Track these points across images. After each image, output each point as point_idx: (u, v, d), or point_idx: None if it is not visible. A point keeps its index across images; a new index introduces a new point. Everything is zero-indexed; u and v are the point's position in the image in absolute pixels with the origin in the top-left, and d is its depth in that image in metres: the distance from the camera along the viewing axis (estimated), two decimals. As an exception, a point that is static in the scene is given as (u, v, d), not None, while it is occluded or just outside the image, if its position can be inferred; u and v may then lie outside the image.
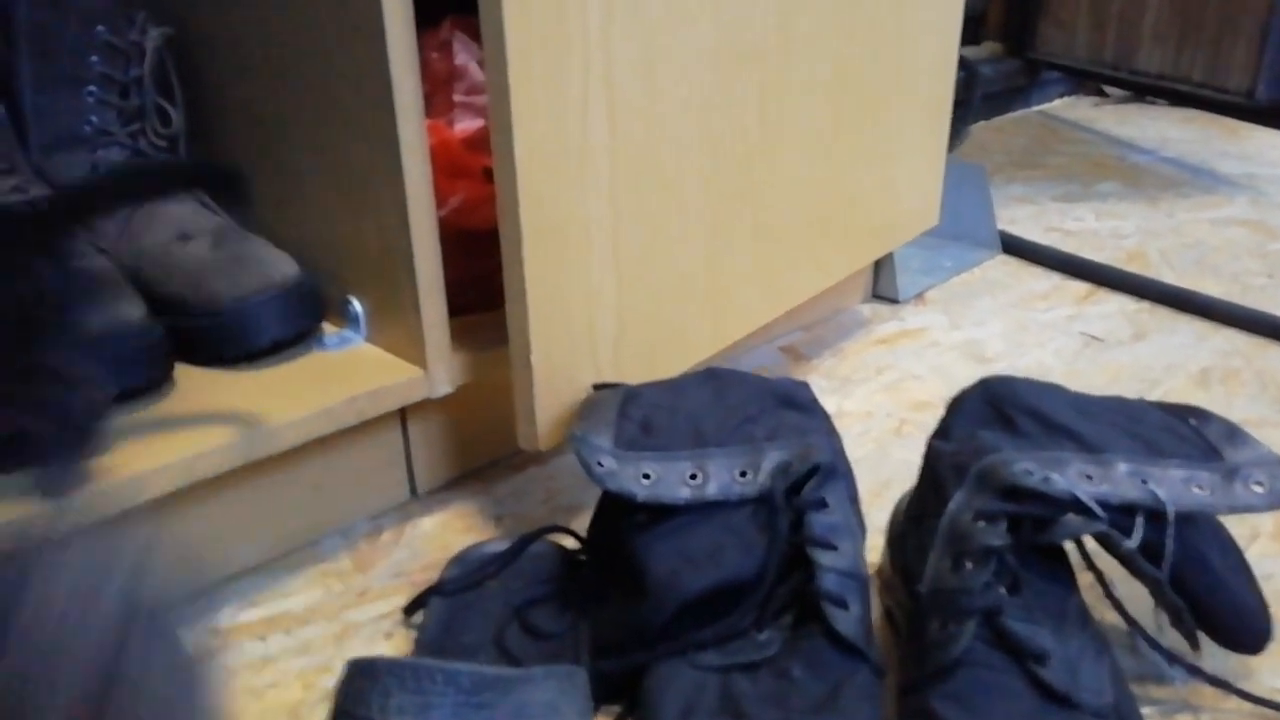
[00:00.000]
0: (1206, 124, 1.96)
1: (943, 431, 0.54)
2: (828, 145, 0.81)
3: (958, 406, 0.54)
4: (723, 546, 0.47)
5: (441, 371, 0.62)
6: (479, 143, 0.69)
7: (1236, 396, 0.83)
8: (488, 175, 0.60)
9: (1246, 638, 0.49)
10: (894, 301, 1.05)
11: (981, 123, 2.05)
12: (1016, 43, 2.15)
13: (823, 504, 0.47)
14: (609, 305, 0.63)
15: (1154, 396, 0.83)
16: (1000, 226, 1.31)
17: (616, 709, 0.49)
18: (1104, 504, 0.46)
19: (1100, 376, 0.87)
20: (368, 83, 0.57)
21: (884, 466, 0.74)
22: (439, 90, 0.72)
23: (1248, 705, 0.49)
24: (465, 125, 0.70)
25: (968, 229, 1.21)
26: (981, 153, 1.76)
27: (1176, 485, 0.47)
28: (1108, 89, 2.30)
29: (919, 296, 1.07)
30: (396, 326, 0.63)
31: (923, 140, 0.96)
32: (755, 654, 0.45)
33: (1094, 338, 0.96)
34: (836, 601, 0.45)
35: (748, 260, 0.75)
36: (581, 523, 0.59)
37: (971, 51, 2.15)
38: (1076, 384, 0.87)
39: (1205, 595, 0.48)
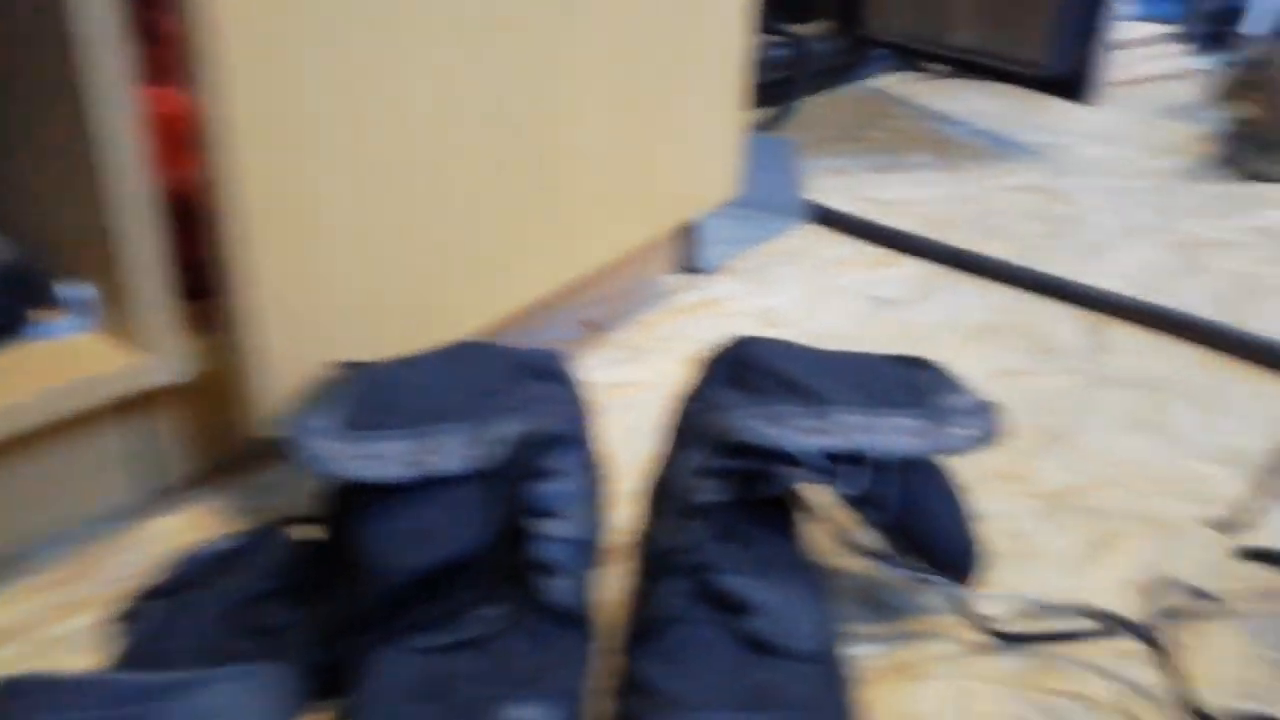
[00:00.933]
0: (1014, 98, 2.07)
1: (691, 392, 0.55)
2: (614, 116, 0.81)
3: (707, 368, 0.54)
4: (445, 523, 0.46)
5: (170, 358, 0.58)
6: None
7: (1001, 349, 0.88)
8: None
9: (959, 568, 0.51)
10: (700, 272, 1.06)
11: (813, 98, 2.11)
12: (845, 21, 2.21)
13: (547, 473, 0.47)
14: (353, 281, 0.60)
15: (929, 351, 0.86)
16: (817, 198, 1.35)
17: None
18: (825, 454, 0.47)
19: (885, 336, 0.91)
20: (67, 46, 0.52)
21: (669, 434, 0.75)
22: (174, 55, 0.67)
23: (971, 634, 0.52)
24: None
25: (777, 200, 1.24)
26: (810, 126, 1.81)
27: (891, 433, 0.49)
28: (929, 65, 2.41)
29: (725, 267, 1.09)
30: (121, 311, 0.58)
31: (717, 114, 0.96)
32: (478, 630, 0.44)
33: (883, 299, 0.99)
34: (548, 570, 0.44)
35: (523, 230, 0.74)
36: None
37: (803, 28, 2.20)
38: (862, 344, 0.92)
39: (924, 531, 0.50)
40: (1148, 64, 2.29)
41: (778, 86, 1.93)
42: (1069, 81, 1.47)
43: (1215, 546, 0.60)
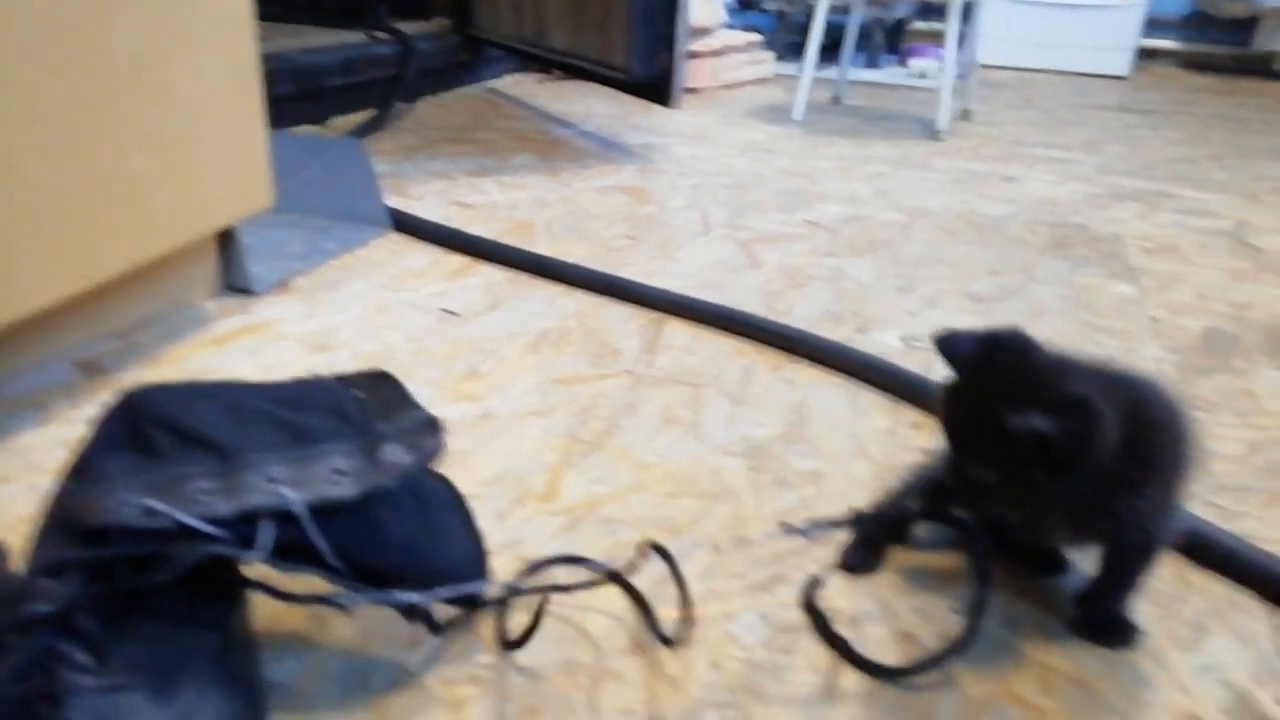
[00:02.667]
0: (626, 101, 2.16)
1: (73, 464, 0.44)
2: (74, 129, 0.67)
3: (97, 429, 0.44)
4: None
5: None
6: None
7: (561, 355, 0.86)
8: None
9: (455, 579, 0.47)
10: (248, 293, 0.95)
11: (428, 98, 2.04)
12: (459, 20, 2.16)
13: None
14: None
15: (488, 364, 0.83)
16: (412, 202, 1.28)
17: None
18: (227, 520, 0.40)
19: (444, 351, 0.86)
20: None
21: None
22: None
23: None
24: None
25: (355, 208, 1.15)
26: (418, 128, 1.73)
27: (315, 479, 0.42)
28: (543, 67, 2.44)
29: (282, 285, 0.98)
30: None
31: (230, 119, 0.85)
32: None
33: (450, 312, 0.94)
34: None
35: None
36: None
37: (419, 27, 2.12)
38: (421, 360, 0.87)
39: (393, 563, 0.45)
40: (740, 70, 2.50)
41: (384, 85, 1.83)
42: (654, 86, 1.54)
43: (715, 549, 0.61)
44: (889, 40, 3.02)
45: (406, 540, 0.46)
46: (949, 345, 0.51)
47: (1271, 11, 2.98)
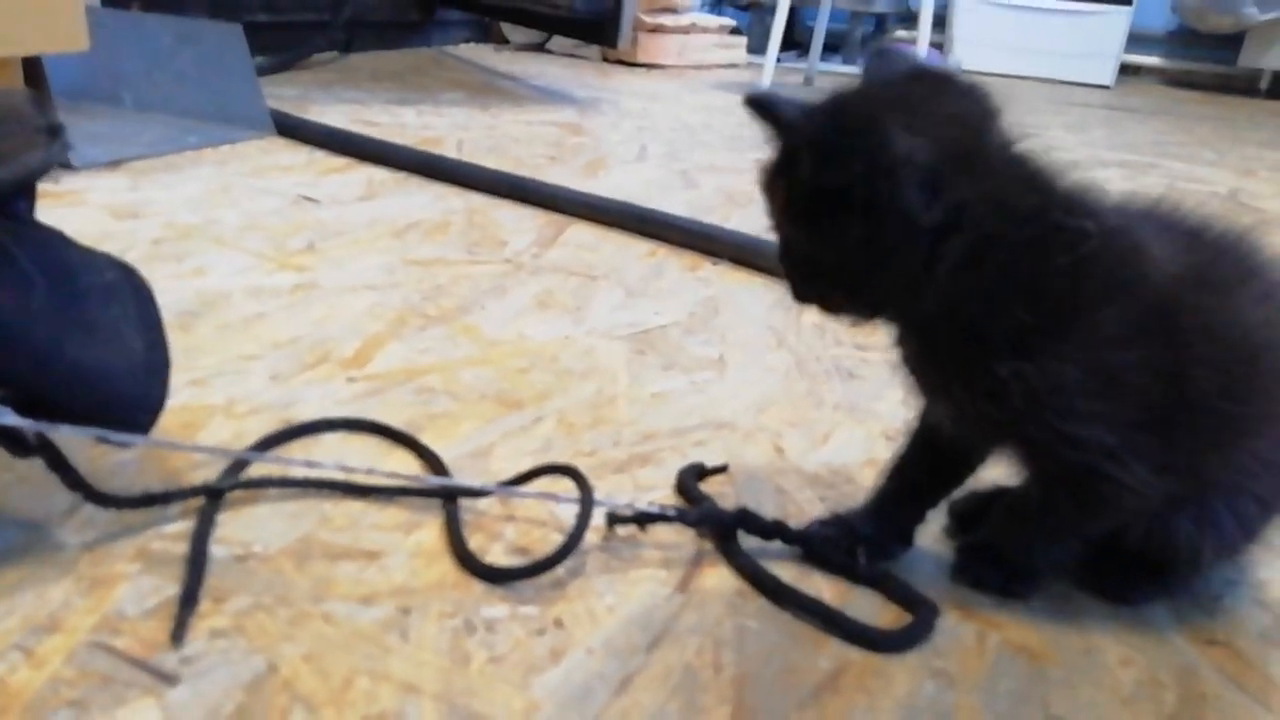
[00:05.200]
0: (585, 69, 2.03)
1: None
2: None
3: None
4: None
5: None
6: None
7: (430, 243, 0.70)
8: None
9: (100, 407, 0.30)
10: (65, 166, 0.79)
11: (369, 53, 1.89)
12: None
13: None
14: None
15: (334, 243, 0.67)
16: (309, 117, 1.12)
17: None
18: None
19: (284, 229, 0.69)
20: None
21: None
22: None
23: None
24: None
25: (230, 107, 0.99)
26: (347, 70, 1.58)
27: None
28: (511, 38, 2.31)
29: (113, 165, 0.82)
30: None
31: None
32: None
33: (309, 199, 0.79)
34: None
35: None
36: None
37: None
38: (250, 234, 0.68)
39: (35, 370, 0.28)
40: (709, 52, 2.38)
41: (312, 29, 1.69)
42: (599, 24, 1.40)
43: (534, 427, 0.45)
44: (865, 47, 2.93)
45: (13, 321, 0.29)
46: (766, 103, 0.30)
47: (1258, 27, 2.92)
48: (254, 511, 0.35)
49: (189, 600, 0.29)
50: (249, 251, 0.64)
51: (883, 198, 0.27)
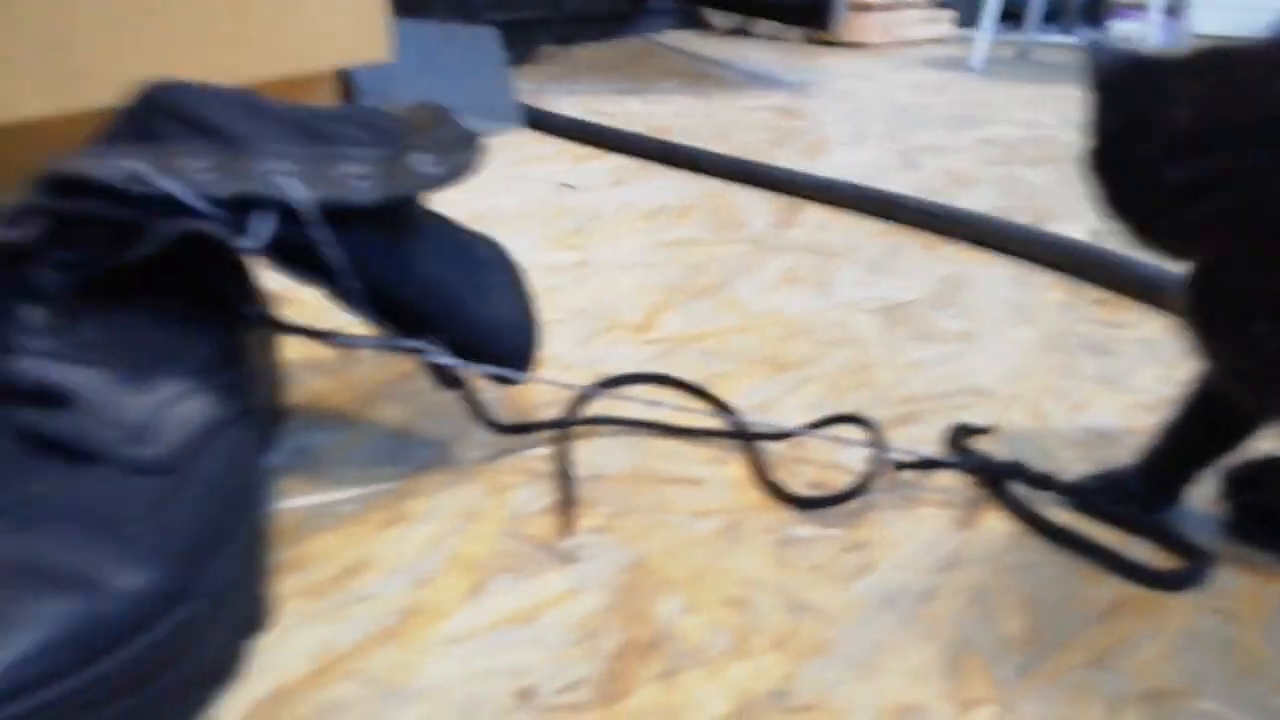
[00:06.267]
0: (790, 51, 2.05)
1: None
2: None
3: (111, 122, 0.39)
4: None
5: None
6: None
7: (677, 224, 0.78)
8: None
9: (494, 355, 0.39)
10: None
11: (582, 45, 2.01)
12: (620, -32, 2.13)
13: None
14: None
15: (596, 225, 0.76)
16: (537, 104, 1.23)
17: None
18: (222, 203, 0.34)
19: (553, 213, 0.79)
20: None
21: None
22: None
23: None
24: None
25: (484, 102, 1.11)
26: (568, 63, 1.70)
27: (329, 179, 0.36)
28: (714, 23, 2.37)
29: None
30: None
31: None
32: None
33: (568, 186, 0.88)
34: None
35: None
36: None
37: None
38: (529, 219, 0.81)
39: (423, 307, 0.37)
40: (914, 27, 2.33)
41: (534, 26, 1.82)
42: (811, 8, 1.43)
43: (828, 385, 0.50)
44: (1087, 15, 2.75)
45: (442, 285, 0.38)
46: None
47: None
48: (594, 444, 0.43)
49: (569, 503, 0.38)
50: (531, 233, 0.74)
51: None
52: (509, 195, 0.84)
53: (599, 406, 0.47)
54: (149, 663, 0.25)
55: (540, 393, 0.48)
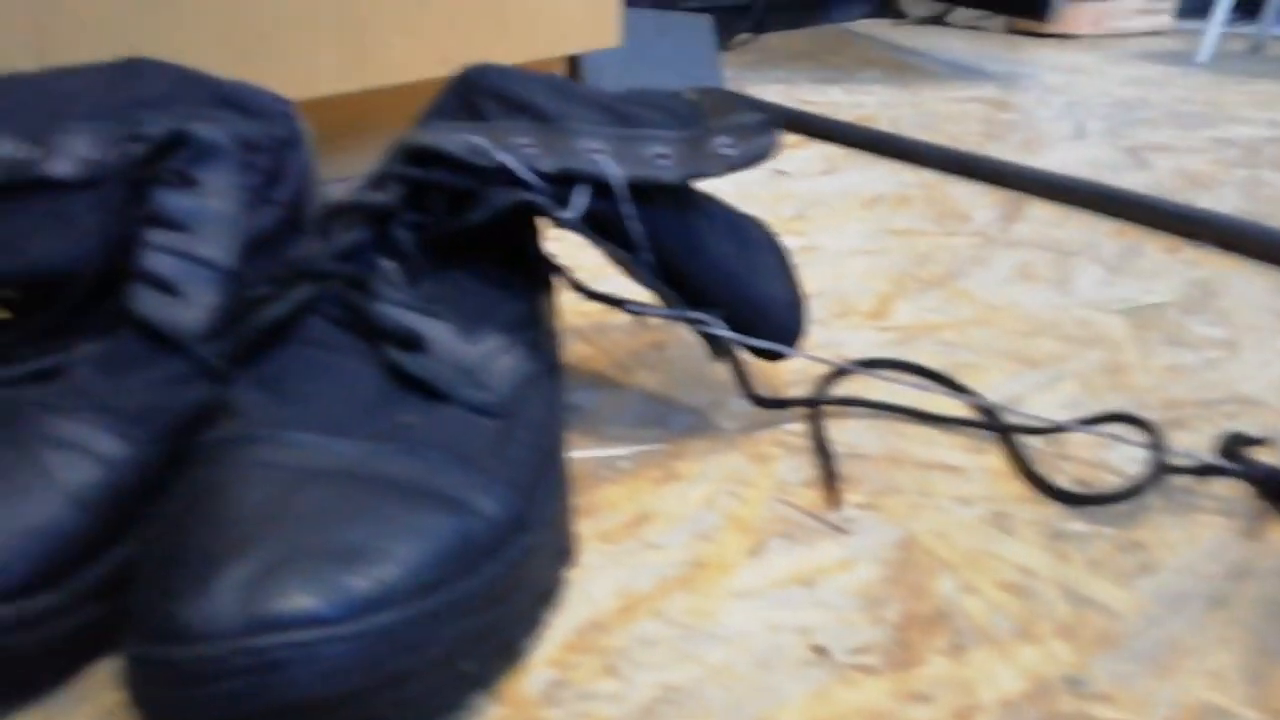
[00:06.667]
0: (991, 41, 1.97)
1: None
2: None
3: (433, 102, 0.44)
4: (40, 232, 0.36)
5: None
6: None
7: (898, 213, 0.77)
8: None
9: (763, 328, 0.41)
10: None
11: (775, 33, 2.00)
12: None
13: (186, 181, 0.36)
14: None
15: (817, 211, 0.76)
16: (743, 89, 1.24)
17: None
18: (546, 176, 0.37)
19: (772, 199, 0.80)
20: None
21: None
22: None
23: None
24: None
25: (691, 82, 1.13)
26: (764, 51, 1.70)
27: (637, 158, 0.38)
28: (908, 11, 2.30)
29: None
30: None
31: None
32: (55, 359, 0.34)
33: (782, 172, 0.89)
34: (157, 283, 0.34)
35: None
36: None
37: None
38: (749, 204, 0.82)
39: (708, 281, 0.40)
40: (1130, 19, 2.18)
41: (731, 13, 1.83)
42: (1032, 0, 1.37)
43: (1082, 388, 0.49)
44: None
45: (726, 262, 0.40)
46: None
47: None
48: (847, 424, 0.44)
49: (833, 477, 0.39)
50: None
51: None
52: (726, 180, 0.86)
53: (847, 388, 0.48)
54: (502, 581, 0.28)
55: (789, 370, 0.50)
